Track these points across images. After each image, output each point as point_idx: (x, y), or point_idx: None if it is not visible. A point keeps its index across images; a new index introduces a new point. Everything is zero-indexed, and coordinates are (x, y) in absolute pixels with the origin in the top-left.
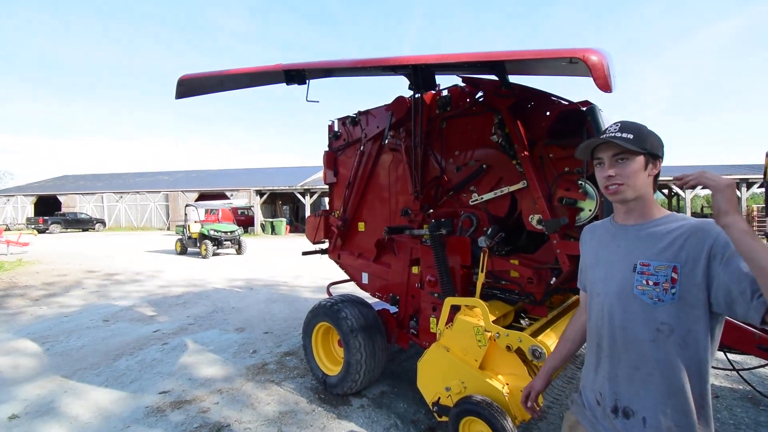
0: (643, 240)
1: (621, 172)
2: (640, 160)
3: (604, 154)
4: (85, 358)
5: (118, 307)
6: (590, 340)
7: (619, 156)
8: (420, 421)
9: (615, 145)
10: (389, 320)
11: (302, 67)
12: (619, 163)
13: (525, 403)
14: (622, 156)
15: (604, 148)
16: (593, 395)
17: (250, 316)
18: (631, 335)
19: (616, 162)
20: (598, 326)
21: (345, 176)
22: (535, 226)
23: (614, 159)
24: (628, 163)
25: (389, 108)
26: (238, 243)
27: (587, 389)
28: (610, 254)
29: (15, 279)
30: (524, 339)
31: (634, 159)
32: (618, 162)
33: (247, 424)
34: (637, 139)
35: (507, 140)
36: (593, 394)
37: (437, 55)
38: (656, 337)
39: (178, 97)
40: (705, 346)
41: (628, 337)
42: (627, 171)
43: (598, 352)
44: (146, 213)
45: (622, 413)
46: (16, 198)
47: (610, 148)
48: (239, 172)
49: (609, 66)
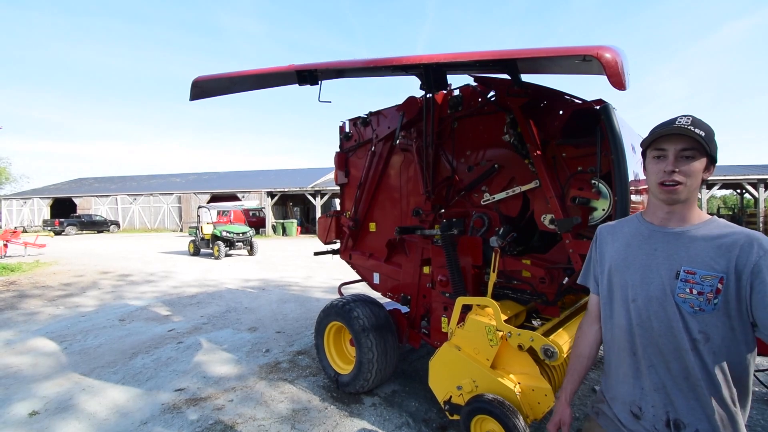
0: (686, 245)
1: (685, 169)
2: (704, 161)
3: (670, 146)
4: (102, 357)
5: (133, 307)
6: (621, 349)
7: (687, 152)
8: (431, 419)
9: (688, 139)
10: (401, 320)
11: (314, 68)
12: (685, 160)
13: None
14: (691, 152)
15: (674, 139)
16: (627, 407)
17: (262, 316)
18: (674, 344)
19: (683, 158)
20: (632, 333)
21: (356, 177)
22: (548, 226)
23: (681, 153)
24: (694, 162)
25: (400, 108)
26: (249, 244)
27: (618, 401)
28: (646, 258)
29: (33, 280)
30: (536, 338)
31: (700, 159)
32: (684, 158)
33: (261, 421)
34: (706, 138)
35: (519, 140)
36: (627, 406)
37: (448, 54)
38: (695, 345)
39: (192, 98)
40: (742, 352)
41: (671, 346)
42: (691, 169)
43: (634, 362)
44: (159, 215)
45: (674, 426)
46: (32, 200)
47: (681, 141)
48: (250, 173)
49: (623, 64)
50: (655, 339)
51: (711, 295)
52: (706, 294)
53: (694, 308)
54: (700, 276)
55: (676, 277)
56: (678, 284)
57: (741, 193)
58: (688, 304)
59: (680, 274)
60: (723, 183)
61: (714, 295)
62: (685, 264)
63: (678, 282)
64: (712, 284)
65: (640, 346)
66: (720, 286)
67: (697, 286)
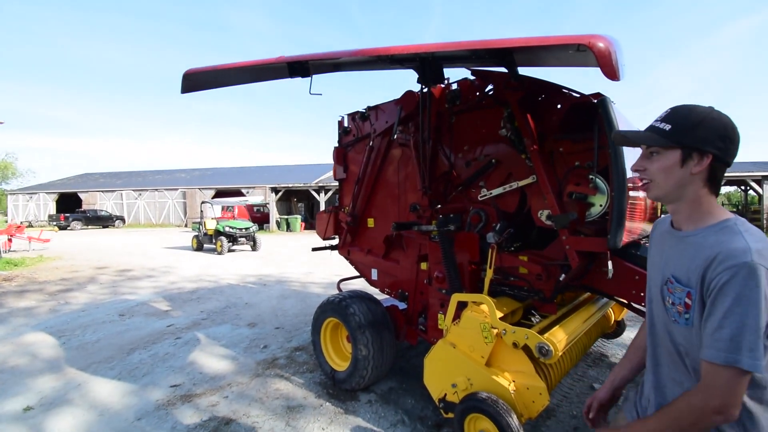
0: (681, 251)
1: (650, 167)
2: (674, 155)
3: (643, 145)
4: (100, 352)
5: (134, 302)
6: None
7: (652, 148)
8: (427, 417)
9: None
10: (398, 316)
11: (305, 59)
12: (649, 157)
13: (587, 414)
14: (654, 149)
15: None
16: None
17: (262, 312)
18: (669, 349)
19: (648, 155)
20: (648, 331)
21: (354, 172)
22: (544, 222)
23: (648, 151)
24: (658, 158)
25: (398, 103)
26: (252, 239)
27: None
28: (658, 259)
29: (35, 274)
30: (531, 336)
31: (666, 154)
32: (649, 155)
33: (255, 418)
34: (675, 131)
35: (516, 134)
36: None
37: (441, 43)
38: (682, 356)
39: (183, 91)
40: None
41: (667, 350)
42: (655, 167)
43: (649, 358)
44: (164, 210)
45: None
46: (38, 195)
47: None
48: (255, 169)
49: (616, 53)
50: (660, 340)
51: (681, 308)
52: (676, 306)
53: (671, 318)
54: (675, 286)
55: (665, 284)
56: (665, 291)
57: (745, 190)
58: (669, 312)
59: (667, 281)
60: (727, 180)
61: (684, 309)
62: (672, 271)
63: (665, 288)
64: (680, 297)
65: (651, 345)
66: (688, 300)
67: (671, 296)
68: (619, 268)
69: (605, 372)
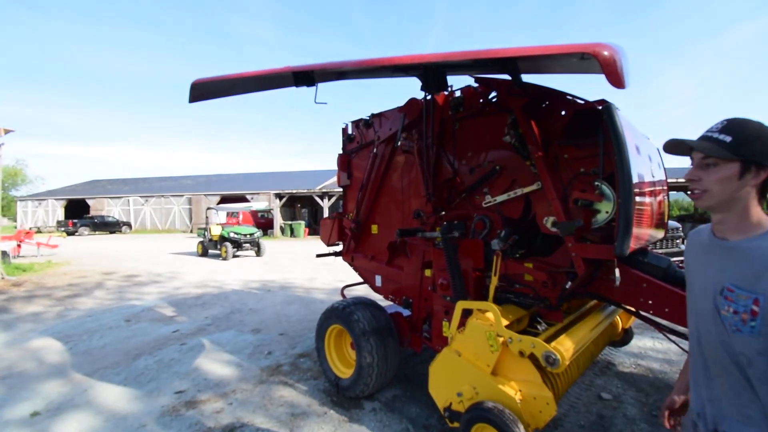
0: (734, 260)
1: (706, 177)
2: (733, 167)
3: (694, 154)
4: (106, 357)
5: (139, 308)
6: (691, 356)
7: (708, 159)
8: (432, 426)
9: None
10: (402, 323)
11: (310, 69)
12: (705, 168)
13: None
14: (711, 160)
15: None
16: (691, 416)
17: (266, 318)
18: (722, 360)
19: (704, 165)
20: (695, 344)
21: (358, 179)
22: (550, 229)
23: (702, 162)
24: (716, 170)
25: (402, 110)
26: (257, 245)
27: (690, 409)
28: (704, 269)
29: (43, 280)
30: (537, 344)
31: (725, 165)
32: (705, 166)
33: (259, 425)
34: (735, 143)
35: (520, 141)
36: (692, 414)
37: (446, 53)
38: (740, 366)
39: (191, 100)
40: None
41: (721, 362)
42: (712, 178)
43: (696, 372)
44: (170, 216)
45: None
46: (47, 202)
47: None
48: (259, 175)
49: (621, 61)
50: (711, 352)
51: (746, 316)
52: (740, 314)
53: (732, 327)
54: (737, 294)
55: (721, 293)
56: (721, 300)
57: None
58: (728, 322)
59: (723, 290)
60: None
61: (750, 317)
62: (730, 279)
63: (721, 298)
64: (746, 304)
65: (700, 357)
66: (755, 307)
67: (734, 304)
68: (627, 276)
69: (613, 381)
